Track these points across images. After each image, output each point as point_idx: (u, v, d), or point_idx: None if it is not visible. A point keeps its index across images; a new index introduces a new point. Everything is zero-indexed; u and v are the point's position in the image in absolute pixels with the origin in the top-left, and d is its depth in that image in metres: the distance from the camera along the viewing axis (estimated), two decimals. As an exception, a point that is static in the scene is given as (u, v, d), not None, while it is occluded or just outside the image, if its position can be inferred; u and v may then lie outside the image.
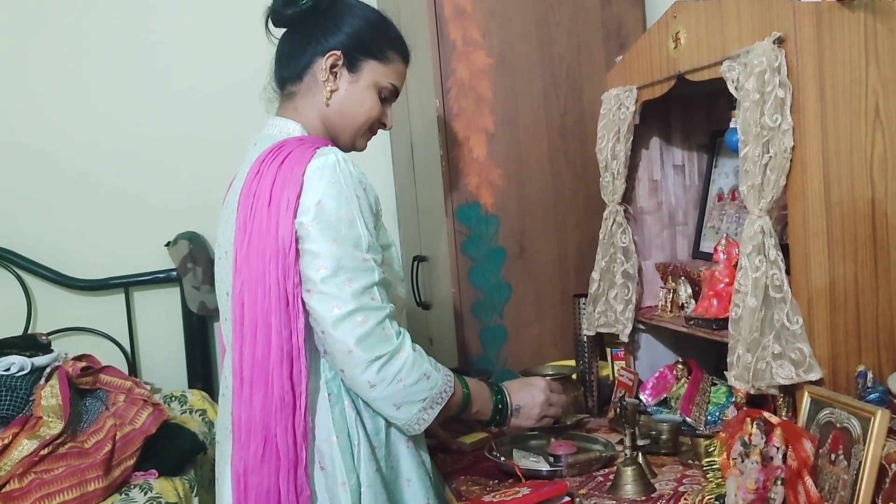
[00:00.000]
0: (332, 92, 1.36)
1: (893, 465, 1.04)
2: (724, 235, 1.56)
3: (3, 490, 1.74)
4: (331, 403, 1.28)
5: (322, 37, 1.35)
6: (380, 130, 1.46)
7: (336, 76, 1.36)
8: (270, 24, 1.40)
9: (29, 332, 2.48)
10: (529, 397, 1.46)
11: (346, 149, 1.41)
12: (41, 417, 1.86)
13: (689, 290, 1.64)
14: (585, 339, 1.82)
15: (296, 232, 1.23)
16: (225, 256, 1.37)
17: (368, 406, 1.30)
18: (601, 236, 1.76)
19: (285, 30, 1.41)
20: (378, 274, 1.26)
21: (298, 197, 1.23)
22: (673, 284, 1.69)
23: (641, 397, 1.71)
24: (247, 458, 1.24)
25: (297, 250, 1.24)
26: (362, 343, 1.22)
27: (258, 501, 1.23)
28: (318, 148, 1.28)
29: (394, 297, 1.34)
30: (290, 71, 1.38)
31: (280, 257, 1.22)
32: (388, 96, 1.41)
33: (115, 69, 2.55)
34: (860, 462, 1.06)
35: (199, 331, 2.56)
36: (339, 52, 1.35)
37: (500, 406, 1.43)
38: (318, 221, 1.23)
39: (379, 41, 1.38)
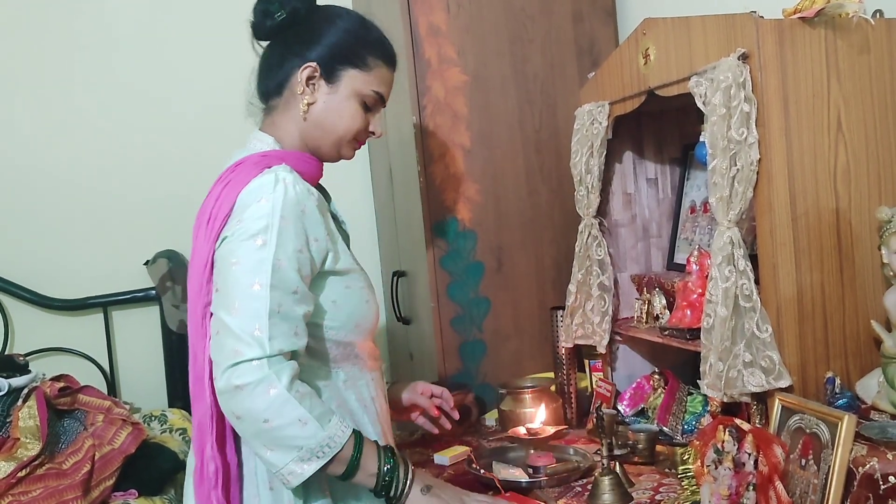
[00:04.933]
0: (308, 105, 1.31)
1: (861, 468, 1.07)
2: (697, 247, 1.59)
3: (-20, 513, 1.73)
4: None
5: (298, 49, 1.31)
6: (368, 139, 1.39)
7: (314, 88, 1.31)
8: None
9: (6, 353, 2.46)
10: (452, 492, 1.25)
11: (330, 159, 1.36)
12: (18, 439, 1.85)
13: (664, 301, 1.67)
14: (563, 352, 1.84)
15: (215, 249, 1.19)
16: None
17: None
18: (577, 249, 1.78)
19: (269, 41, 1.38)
20: (271, 303, 1.13)
21: (227, 216, 1.19)
22: (648, 296, 1.71)
23: (619, 408, 1.73)
24: (193, 473, 1.26)
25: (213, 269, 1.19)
26: (229, 371, 1.12)
27: None
28: (268, 167, 1.22)
29: (348, 323, 1.26)
30: (269, 84, 1.35)
31: (203, 279, 1.19)
32: (373, 104, 1.34)
33: (90, 87, 2.55)
34: (829, 466, 1.09)
35: (178, 349, 2.54)
36: (314, 64, 1.30)
37: (386, 478, 1.18)
38: (232, 238, 1.17)
39: (358, 48, 1.32)
